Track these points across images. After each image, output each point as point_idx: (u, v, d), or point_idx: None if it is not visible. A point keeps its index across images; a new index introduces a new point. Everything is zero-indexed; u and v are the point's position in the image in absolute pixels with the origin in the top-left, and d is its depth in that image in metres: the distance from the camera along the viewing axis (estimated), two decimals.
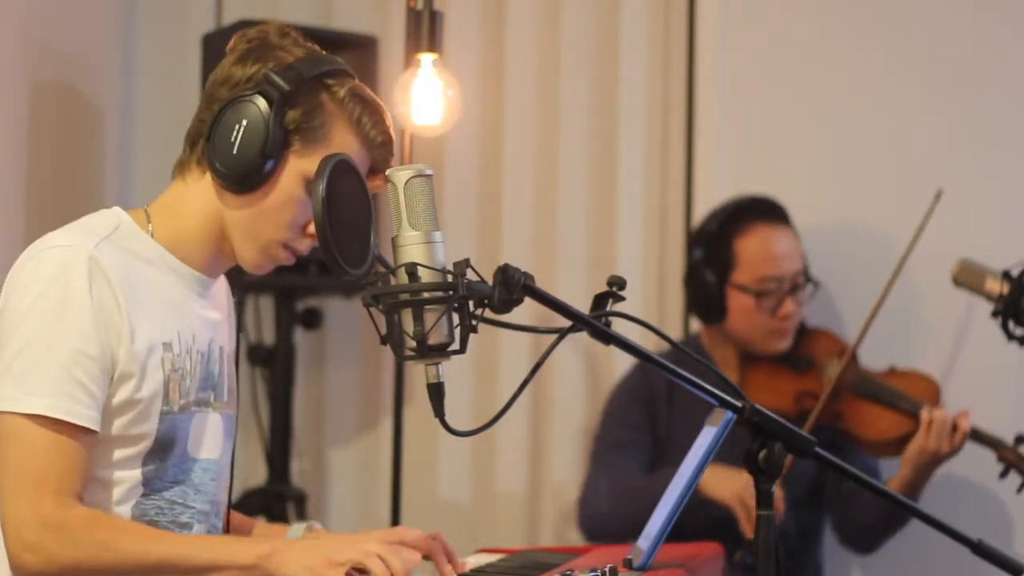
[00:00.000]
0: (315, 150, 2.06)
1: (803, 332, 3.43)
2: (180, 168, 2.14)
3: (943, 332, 3.54)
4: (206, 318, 2.15)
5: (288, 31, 2.14)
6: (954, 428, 3.13)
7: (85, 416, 1.97)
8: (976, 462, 3.30)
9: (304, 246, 2.12)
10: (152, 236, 2.10)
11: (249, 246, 2.11)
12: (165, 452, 2.07)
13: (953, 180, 3.59)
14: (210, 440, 2.14)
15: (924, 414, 3.15)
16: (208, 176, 2.10)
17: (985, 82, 3.59)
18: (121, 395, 2.01)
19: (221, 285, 2.25)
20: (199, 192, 2.11)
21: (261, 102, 2.04)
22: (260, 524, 2.40)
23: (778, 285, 3.33)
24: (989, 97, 3.59)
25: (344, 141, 2.08)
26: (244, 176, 2.05)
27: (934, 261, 3.35)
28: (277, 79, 2.04)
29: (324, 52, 2.14)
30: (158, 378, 2.05)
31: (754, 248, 3.35)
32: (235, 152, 2.04)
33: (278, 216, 2.08)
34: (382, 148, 2.12)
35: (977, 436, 3.19)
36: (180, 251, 2.12)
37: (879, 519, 3.28)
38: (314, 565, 1.90)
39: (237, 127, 2.04)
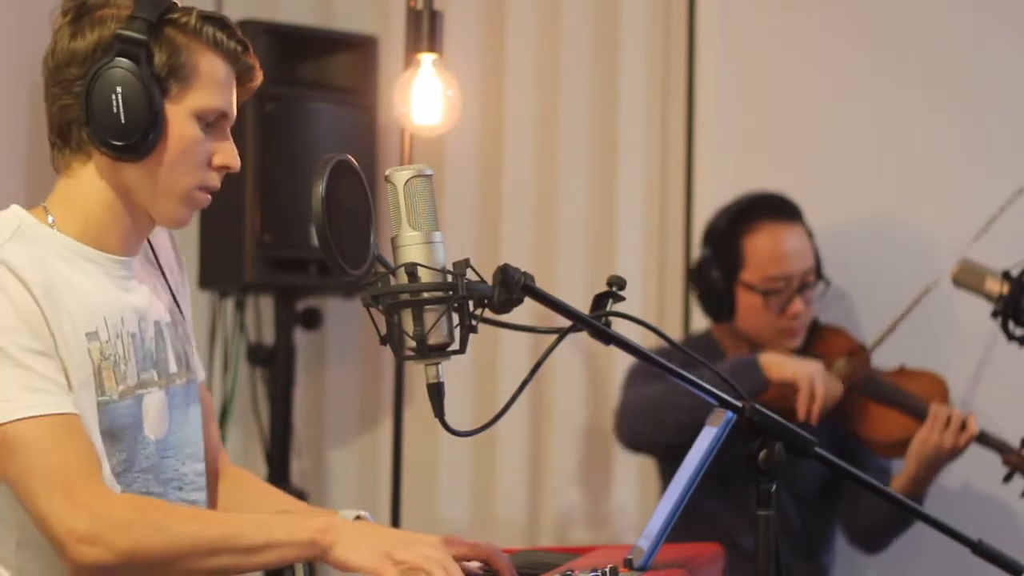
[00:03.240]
0: (191, 85, 2.04)
1: (816, 330, 3.43)
2: (58, 165, 2.09)
3: (955, 334, 3.53)
4: (132, 299, 2.10)
5: None
6: (962, 427, 3.13)
7: (63, 403, 1.94)
8: (984, 466, 3.30)
9: (216, 180, 2.10)
10: (56, 229, 2.05)
11: (167, 203, 2.07)
12: (119, 443, 2.03)
13: (953, 179, 3.60)
14: (155, 419, 2.10)
15: (933, 409, 3.15)
16: (94, 161, 2.05)
17: (986, 81, 3.59)
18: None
19: (160, 241, 2.21)
20: (90, 179, 2.06)
21: (125, 63, 1.99)
22: (291, 503, 2.33)
23: (787, 284, 3.32)
24: (990, 96, 3.59)
25: (211, 65, 2.05)
26: (141, 141, 2.01)
27: (942, 262, 3.36)
28: (130, 34, 2.00)
29: None
30: (87, 370, 2.00)
31: (762, 247, 3.33)
32: (123, 121, 2.00)
33: (185, 161, 2.06)
34: (242, 56, 2.09)
35: (983, 439, 3.18)
36: (90, 239, 2.07)
37: (885, 518, 3.28)
38: (374, 555, 1.90)
39: (114, 97, 1.99)
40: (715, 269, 3.37)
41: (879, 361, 3.38)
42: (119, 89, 1.99)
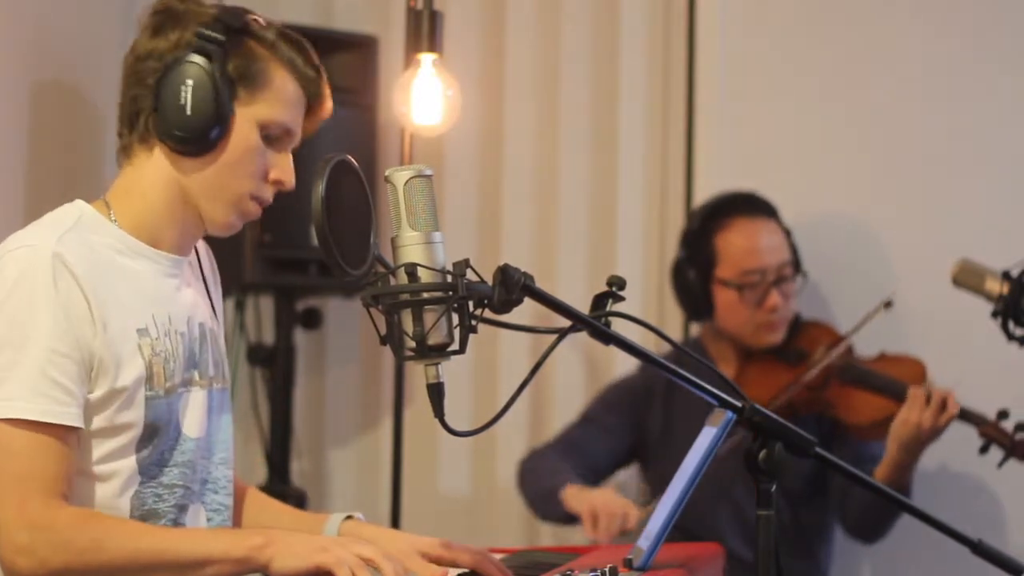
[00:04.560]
0: (260, 95, 2.08)
1: (799, 325, 3.44)
2: (124, 153, 2.12)
3: (937, 326, 3.54)
4: (181, 298, 2.15)
5: None
6: (942, 406, 3.12)
7: (64, 414, 1.96)
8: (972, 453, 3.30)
9: (269, 194, 2.14)
10: (116, 224, 2.09)
11: (218, 205, 2.11)
12: (156, 437, 2.06)
13: (953, 179, 3.61)
14: (197, 418, 2.13)
15: (912, 389, 3.15)
16: (157, 152, 2.09)
17: (985, 81, 3.60)
18: (101, 387, 2.00)
19: (202, 251, 2.26)
20: (152, 170, 2.10)
21: (200, 59, 2.04)
22: (298, 514, 2.39)
23: (761, 278, 3.34)
24: (989, 96, 3.60)
25: (283, 82, 2.10)
26: (202, 136, 2.05)
27: (932, 260, 3.37)
28: (209, 33, 2.04)
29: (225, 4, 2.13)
30: (138, 364, 2.03)
31: (734, 242, 3.37)
32: (189, 113, 2.04)
33: (242, 167, 2.09)
34: (316, 82, 2.13)
35: (961, 414, 3.18)
36: (145, 235, 2.10)
37: (877, 506, 3.28)
38: (311, 552, 1.91)
39: (183, 89, 2.03)
40: (690, 269, 3.42)
41: (863, 351, 3.39)
42: (189, 82, 2.04)
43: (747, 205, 3.41)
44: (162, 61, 2.06)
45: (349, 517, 2.21)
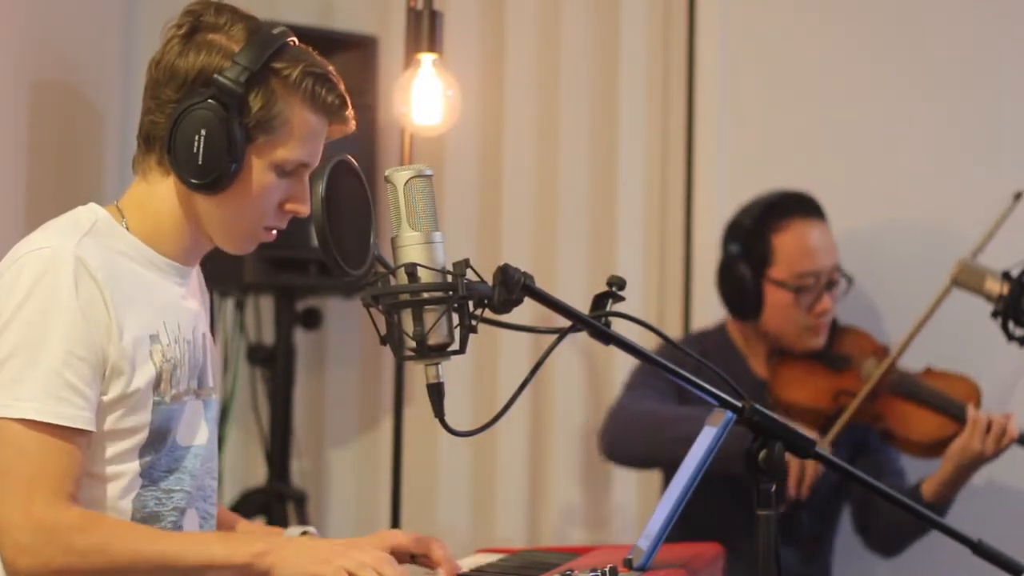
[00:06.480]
0: (277, 139, 2.06)
1: (836, 330, 3.41)
2: (139, 167, 2.12)
3: (972, 333, 3.52)
4: (188, 307, 2.16)
5: (223, 6, 2.09)
6: (1002, 432, 3.10)
7: (77, 417, 1.97)
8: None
9: (284, 222, 2.15)
10: (128, 230, 2.10)
11: (230, 237, 2.14)
12: (160, 443, 2.08)
13: (953, 179, 3.60)
14: (198, 427, 2.15)
15: (971, 414, 3.13)
16: (172, 179, 2.09)
17: (986, 79, 3.60)
18: (114, 391, 2.02)
19: (193, 270, 2.26)
20: (165, 192, 2.10)
21: (217, 108, 2.02)
22: (253, 525, 2.42)
23: (816, 280, 3.31)
24: (990, 95, 3.59)
25: (303, 120, 2.08)
26: (214, 182, 2.05)
27: (931, 261, 3.37)
28: (227, 83, 2.02)
29: (262, 23, 2.10)
30: (149, 370, 2.05)
31: (792, 243, 3.33)
32: (200, 162, 2.03)
33: (256, 206, 2.10)
34: (339, 110, 2.11)
35: (1022, 439, 3.15)
36: (156, 244, 2.11)
37: (908, 521, 3.23)
38: (311, 564, 1.92)
39: (197, 138, 2.02)
40: (743, 266, 3.35)
41: (901, 363, 3.38)
42: (203, 132, 2.02)
43: (803, 206, 3.37)
44: (181, 91, 2.04)
45: (304, 533, 2.23)
